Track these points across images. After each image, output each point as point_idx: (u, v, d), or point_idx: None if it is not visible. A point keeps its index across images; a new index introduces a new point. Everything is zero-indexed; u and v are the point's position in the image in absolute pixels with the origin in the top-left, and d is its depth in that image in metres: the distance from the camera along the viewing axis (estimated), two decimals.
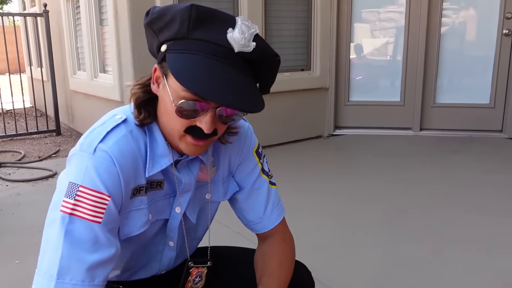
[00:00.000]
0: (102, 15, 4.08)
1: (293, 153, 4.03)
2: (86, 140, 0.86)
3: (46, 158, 3.98)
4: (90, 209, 0.82)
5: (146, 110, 0.90)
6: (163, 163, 0.92)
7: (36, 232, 2.35)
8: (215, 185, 1.06)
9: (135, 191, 0.91)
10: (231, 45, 0.80)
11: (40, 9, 5.18)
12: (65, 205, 0.81)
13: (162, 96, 0.87)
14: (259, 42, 0.83)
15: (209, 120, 0.83)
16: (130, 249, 0.99)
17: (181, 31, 0.81)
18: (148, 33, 0.90)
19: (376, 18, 4.60)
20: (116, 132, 0.88)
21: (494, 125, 4.45)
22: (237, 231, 2.22)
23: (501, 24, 4.25)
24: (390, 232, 2.34)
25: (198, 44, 0.81)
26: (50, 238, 0.81)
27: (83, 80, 4.56)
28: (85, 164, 0.83)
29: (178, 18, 0.81)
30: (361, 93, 4.68)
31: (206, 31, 0.81)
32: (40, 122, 5.28)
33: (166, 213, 1.00)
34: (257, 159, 1.09)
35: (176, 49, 0.82)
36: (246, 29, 0.81)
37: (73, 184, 0.82)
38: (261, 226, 1.10)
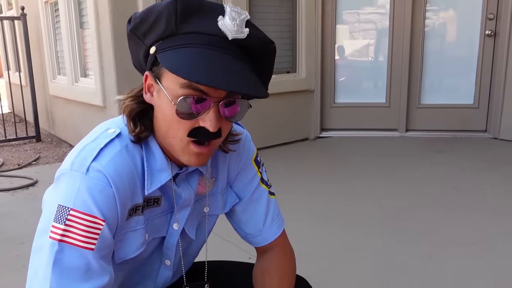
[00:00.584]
0: (82, 18, 3.98)
1: (280, 156, 3.98)
2: (77, 159, 0.78)
3: (26, 166, 3.86)
4: (82, 235, 0.75)
5: (141, 123, 0.83)
6: (163, 178, 0.86)
7: (17, 245, 2.25)
8: (214, 197, 1.00)
9: (131, 211, 0.84)
10: (224, 33, 0.76)
11: (18, 12, 5.05)
12: (54, 231, 0.74)
13: (158, 104, 0.80)
14: (252, 28, 0.79)
15: (213, 116, 0.76)
16: (124, 270, 0.92)
17: (168, 28, 0.76)
18: (133, 42, 0.84)
19: (361, 20, 4.59)
20: (110, 149, 0.80)
21: (479, 125, 4.48)
22: (227, 239, 2.16)
23: (483, 25, 4.29)
24: (383, 235, 2.31)
25: (190, 37, 0.76)
26: (38, 268, 0.74)
27: (63, 84, 4.45)
28: (77, 185, 0.76)
29: (164, 15, 0.76)
30: (347, 94, 4.67)
31: (196, 23, 0.76)
32: (19, 128, 5.13)
33: (163, 230, 0.93)
34: (256, 168, 1.04)
35: (167, 47, 0.77)
36: (237, 16, 0.77)
37: (63, 208, 0.75)
38: (261, 239, 1.04)
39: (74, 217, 0.74)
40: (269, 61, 0.86)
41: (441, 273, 1.93)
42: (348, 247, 2.21)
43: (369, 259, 2.07)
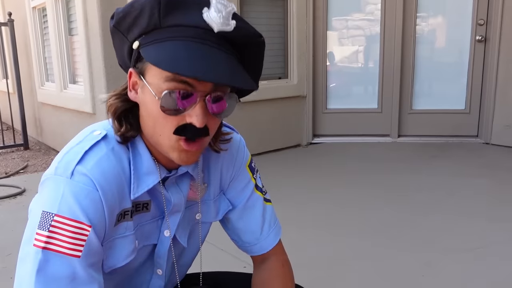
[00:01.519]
0: (70, 24, 3.93)
1: (272, 163, 3.95)
2: (61, 163, 0.75)
3: (13, 174, 3.78)
4: (68, 241, 0.71)
5: (127, 121, 0.80)
6: (150, 182, 0.82)
7: (3, 256, 2.18)
8: (206, 204, 0.95)
9: (120, 217, 0.80)
10: (209, 26, 0.72)
11: (5, 18, 4.98)
12: (38, 238, 0.70)
13: (143, 100, 0.77)
14: (239, 21, 0.75)
15: (200, 112, 0.73)
16: (114, 280, 0.87)
17: (152, 21, 0.73)
18: (117, 39, 0.81)
19: (352, 26, 4.60)
20: (96, 151, 0.77)
21: (470, 130, 4.49)
22: (221, 248, 2.11)
23: (474, 30, 4.31)
24: (378, 242, 2.28)
25: (174, 30, 0.73)
26: (22, 278, 0.70)
27: (52, 91, 4.38)
28: (62, 190, 0.72)
29: (147, 8, 0.73)
30: (339, 100, 4.67)
31: (180, 16, 0.73)
32: (7, 136, 5.04)
33: (153, 237, 0.89)
34: (250, 174, 1.00)
35: (150, 40, 0.73)
36: (223, 8, 0.73)
37: (47, 214, 0.71)
38: (259, 248, 1.00)
39: (58, 223, 0.71)
40: (257, 54, 0.82)
41: (439, 279, 1.90)
42: (343, 254, 2.17)
43: (365, 267, 2.04)
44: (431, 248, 2.20)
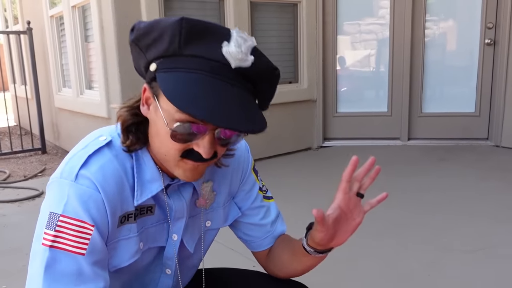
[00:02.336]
0: (87, 32, 4.05)
1: (283, 165, 4.01)
2: (66, 167, 0.80)
3: (32, 177, 3.90)
4: (73, 240, 0.76)
5: (134, 135, 0.83)
6: (154, 189, 0.86)
7: (23, 255, 2.28)
8: (215, 211, 1.01)
9: (123, 219, 0.84)
10: (227, 60, 0.73)
11: (24, 27, 5.14)
12: (46, 237, 0.76)
13: (154, 119, 0.80)
14: (257, 55, 0.76)
15: (207, 144, 0.76)
16: (122, 279, 0.93)
17: (171, 47, 0.74)
18: (134, 50, 0.82)
19: (361, 30, 4.65)
20: (99, 156, 0.81)
21: (480, 133, 4.50)
22: (231, 248, 2.19)
23: (482, 34, 4.33)
24: (386, 242, 2.33)
25: (191, 61, 0.74)
26: (33, 274, 0.76)
27: (69, 97, 4.51)
28: (66, 192, 0.78)
29: (168, 33, 0.74)
30: (349, 104, 4.71)
31: (199, 46, 0.74)
32: (25, 141, 5.19)
33: (160, 240, 0.94)
34: (255, 176, 1.06)
35: (167, 67, 0.75)
36: (243, 42, 0.74)
37: (53, 214, 0.77)
38: (271, 239, 1.07)
39: (64, 223, 0.76)
40: (272, 86, 0.84)
41: (445, 279, 1.94)
42: (351, 254, 2.22)
43: (372, 266, 2.09)
44: (437, 248, 2.24)
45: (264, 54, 0.79)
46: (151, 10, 3.41)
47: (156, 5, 3.43)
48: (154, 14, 3.42)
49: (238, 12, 3.84)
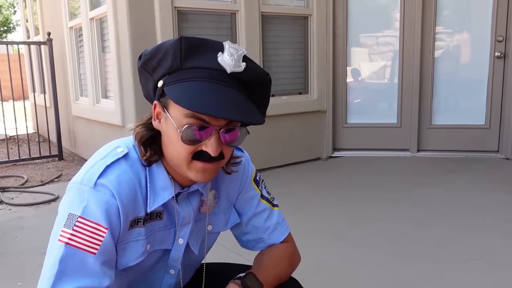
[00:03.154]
0: (104, 43, 4.20)
1: (292, 175, 4.08)
2: (87, 174, 0.89)
3: (48, 183, 4.03)
4: (87, 240, 0.85)
5: (151, 148, 0.93)
6: (165, 196, 0.96)
7: (38, 255, 2.39)
8: (217, 216, 1.10)
9: (133, 223, 0.94)
10: (223, 67, 0.86)
11: (44, 37, 5.32)
12: (63, 235, 0.85)
13: (165, 130, 0.91)
14: (248, 62, 0.89)
15: (214, 143, 0.86)
16: (129, 277, 1.02)
17: (174, 63, 0.86)
18: (143, 76, 0.95)
19: (371, 43, 4.72)
20: (116, 167, 0.91)
21: (490, 145, 4.51)
22: (237, 252, 2.25)
23: (493, 47, 4.36)
24: (389, 252, 2.37)
25: (193, 72, 0.86)
26: (47, 266, 0.85)
27: (85, 105, 4.65)
28: (86, 197, 0.87)
29: (170, 52, 0.86)
30: (359, 115, 4.77)
31: (198, 59, 0.86)
32: (43, 148, 5.35)
33: (166, 243, 1.03)
34: (255, 187, 1.14)
35: (173, 80, 0.87)
36: (235, 51, 0.87)
37: (72, 215, 0.86)
38: (263, 244, 1.14)
39: (81, 224, 0.85)
40: (264, 90, 0.95)
41: (443, 286, 1.98)
42: (353, 263, 2.27)
43: (374, 275, 2.14)
44: (437, 259, 2.27)
45: (254, 61, 0.91)
46: (165, 23, 3.54)
47: (170, 18, 3.56)
48: (168, 27, 3.55)
49: (249, 24, 3.95)
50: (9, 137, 6.19)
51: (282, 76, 4.36)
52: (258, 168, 1.38)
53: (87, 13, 4.21)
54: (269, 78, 0.94)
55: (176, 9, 3.64)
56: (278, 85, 4.31)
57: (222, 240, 1.29)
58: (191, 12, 3.78)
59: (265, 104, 0.98)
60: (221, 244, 2.24)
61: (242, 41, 3.95)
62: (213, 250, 1.21)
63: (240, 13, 3.93)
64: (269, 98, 0.98)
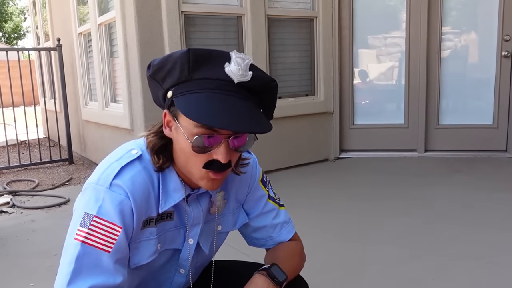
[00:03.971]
0: (112, 48, 4.26)
1: (300, 176, 4.10)
2: (103, 175, 0.93)
3: (59, 186, 4.09)
4: (102, 238, 0.89)
5: (163, 155, 0.96)
6: (176, 198, 0.99)
7: (50, 256, 2.43)
8: (226, 216, 1.13)
9: (146, 223, 0.97)
10: (230, 78, 0.87)
11: (54, 43, 5.39)
12: (78, 233, 0.88)
13: (176, 138, 0.93)
14: (255, 71, 0.90)
15: (224, 151, 0.89)
16: (140, 275, 1.05)
17: (183, 74, 0.88)
18: (152, 84, 0.97)
19: (377, 44, 4.73)
20: (131, 168, 0.94)
21: (498, 145, 4.49)
22: (244, 253, 2.28)
23: (499, 46, 4.35)
24: (396, 249, 2.38)
25: (201, 83, 0.88)
26: (63, 263, 0.89)
27: (95, 110, 4.71)
28: (102, 197, 0.90)
29: (178, 64, 0.88)
30: (366, 116, 4.78)
31: (206, 70, 0.88)
32: (53, 152, 5.42)
33: (177, 243, 1.06)
34: (263, 188, 1.17)
35: (182, 91, 0.89)
36: (241, 61, 0.88)
37: (88, 215, 0.89)
38: (272, 243, 1.18)
39: (96, 223, 0.89)
40: (271, 95, 0.98)
41: (450, 286, 1.99)
42: (361, 260, 2.29)
43: (381, 272, 2.15)
44: (444, 256, 2.28)
45: (261, 69, 0.93)
46: (173, 28, 3.59)
47: (177, 22, 3.61)
48: (175, 31, 3.59)
49: (256, 27, 3.98)
50: (20, 142, 6.27)
51: (289, 78, 4.39)
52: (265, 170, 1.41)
53: (96, 19, 4.28)
54: (276, 84, 0.96)
55: (183, 14, 3.69)
56: (285, 87, 4.34)
57: (230, 241, 1.32)
58: (197, 16, 3.83)
59: (272, 108, 1.01)
60: (229, 245, 2.27)
61: (248, 44, 3.99)
62: (222, 251, 1.24)
63: (246, 16, 3.96)
64: (275, 102, 1.01)
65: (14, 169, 4.86)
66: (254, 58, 4.00)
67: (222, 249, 1.23)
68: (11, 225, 3.03)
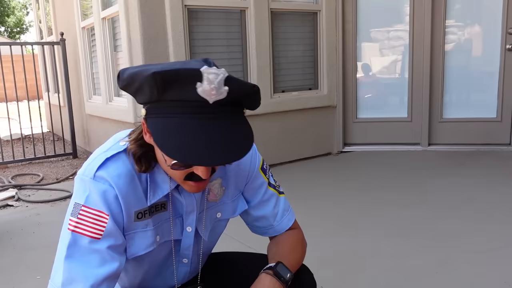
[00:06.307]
0: (116, 42, 4.26)
1: (303, 170, 4.11)
2: (89, 166, 0.95)
3: (63, 180, 4.12)
4: (91, 226, 0.92)
5: (146, 161, 0.96)
6: (165, 189, 1.00)
7: (55, 250, 2.45)
8: (225, 204, 1.14)
9: (140, 215, 0.99)
10: (204, 98, 0.81)
11: (57, 38, 5.40)
12: (70, 223, 0.92)
13: (156, 149, 0.93)
14: (231, 83, 0.82)
15: (204, 169, 0.89)
16: (143, 267, 1.08)
17: (153, 96, 0.83)
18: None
19: (381, 37, 4.71)
20: (115, 159, 0.96)
21: (502, 138, 4.49)
22: (248, 245, 2.30)
23: (504, 39, 4.34)
24: (400, 243, 2.39)
25: (173, 106, 0.82)
26: (58, 253, 0.93)
27: (99, 104, 4.72)
28: (88, 187, 0.93)
29: (146, 85, 0.82)
30: (369, 110, 4.77)
31: (176, 91, 0.81)
32: (57, 146, 5.44)
33: (176, 233, 1.07)
34: (263, 175, 1.18)
35: (154, 113, 0.85)
36: (214, 78, 0.80)
37: (77, 204, 0.93)
38: (273, 231, 1.19)
39: (85, 212, 0.92)
40: (254, 99, 0.90)
41: (454, 278, 2.00)
42: (364, 253, 2.30)
43: (385, 265, 2.16)
44: (448, 248, 2.29)
45: (237, 78, 0.85)
46: (176, 21, 3.58)
47: (180, 16, 3.60)
48: (178, 25, 3.59)
49: (259, 21, 3.98)
50: (24, 136, 6.30)
51: (292, 72, 4.39)
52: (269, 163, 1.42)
53: (99, 13, 4.28)
54: (257, 88, 0.88)
55: (186, 7, 3.68)
56: (288, 81, 4.34)
57: (235, 234, 1.33)
58: (201, 10, 3.82)
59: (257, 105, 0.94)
60: (233, 237, 2.29)
61: (251, 38, 3.98)
62: (226, 243, 1.26)
63: (249, 10, 3.96)
64: (259, 101, 0.93)
65: (18, 163, 4.89)
66: (258, 52, 4.00)
67: (227, 242, 1.25)
68: (17, 219, 3.06)
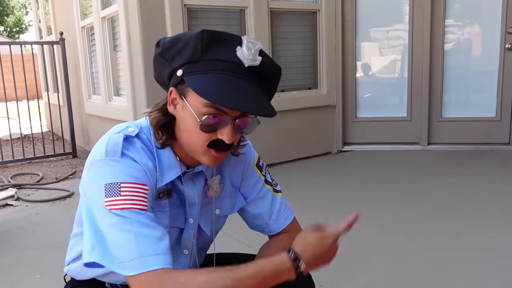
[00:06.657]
0: (115, 41, 4.26)
1: (303, 169, 4.11)
2: (109, 147, 0.93)
3: (63, 180, 4.11)
4: (136, 199, 0.89)
5: (167, 132, 0.98)
6: (172, 175, 1.00)
7: (56, 249, 2.46)
8: (223, 200, 1.15)
9: (161, 194, 1.01)
10: (241, 61, 0.91)
11: (57, 37, 5.40)
12: (111, 205, 0.87)
13: (181, 116, 0.95)
14: (264, 56, 0.94)
15: (230, 131, 0.91)
16: None
17: (195, 55, 0.90)
18: (159, 62, 0.98)
19: (380, 37, 4.72)
20: (132, 142, 0.96)
21: (501, 138, 4.49)
22: (248, 245, 2.30)
23: (503, 39, 4.34)
24: (399, 241, 2.40)
25: (213, 64, 0.90)
26: (116, 239, 0.86)
27: (98, 103, 4.73)
28: (118, 166, 0.91)
29: (191, 44, 0.90)
30: (368, 109, 4.78)
31: (218, 52, 0.90)
32: (57, 146, 5.44)
33: (179, 222, 1.08)
34: (258, 172, 1.18)
35: (193, 71, 0.91)
36: (252, 46, 0.92)
37: (112, 184, 0.89)
38: (269, 230, 1.19)
39: (126, 188, 0.89)
40: (275, 83, 1.02)
41: (453, 277, 2.01)
42: (363, 252, 2.31)
43: (384, 264, 2.17)
44: (447, 247, 2.30)
45: (269, 55, 0.97)
46: (175, 21, 3.58)
47: (180, 16, 3.61)
48: (178, 25, 3.59)
49: (258, 20, 3.98)
50: (24, 135, 6.30)
51: (291, 72, 4.39)
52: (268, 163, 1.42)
53: (99, 12, 4.28)
54: (281, 71, 1.01)
55: (185, 7, 3.68)
56: (288, 80, 4.34)
57: (234, 233, 1.33)
58: (200, 9, 3.82)
59: (272, 95, 1.05)
60: (233, 237, 2.29)
61: (251, 37, 3.98)
62: (226, 243, 1.26)
63: (249, 9, 3.96)
64: (277, 87, 1.04)
65: (18, 162, 4.89)
66: None
67: (226, 241, 1.25)
68: (17, 218, 3.06)
